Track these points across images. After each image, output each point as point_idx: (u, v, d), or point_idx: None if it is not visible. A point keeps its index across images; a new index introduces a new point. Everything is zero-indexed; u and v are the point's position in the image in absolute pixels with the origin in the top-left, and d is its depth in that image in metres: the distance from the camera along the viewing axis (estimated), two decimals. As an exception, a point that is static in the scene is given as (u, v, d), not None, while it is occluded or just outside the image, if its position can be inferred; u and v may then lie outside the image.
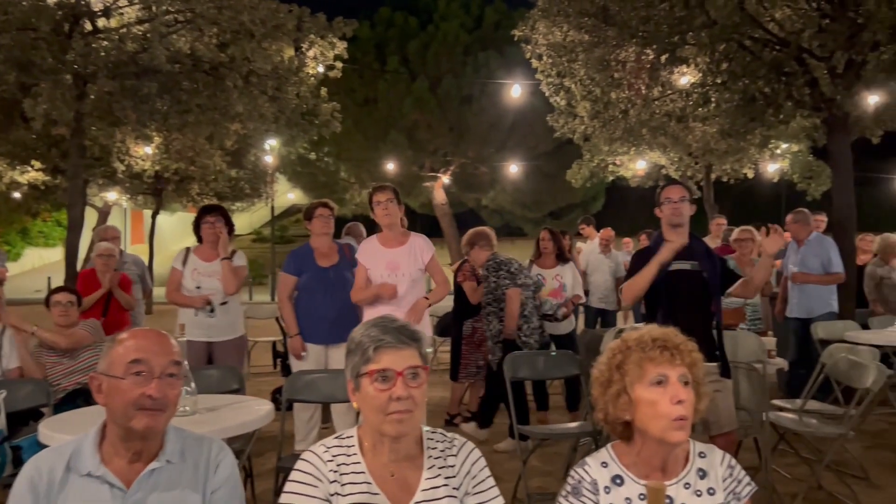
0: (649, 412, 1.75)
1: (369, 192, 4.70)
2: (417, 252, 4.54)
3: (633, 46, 7.43)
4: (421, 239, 4.63)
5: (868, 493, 4.67)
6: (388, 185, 4.69)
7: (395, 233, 4.55)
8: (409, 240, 4.57)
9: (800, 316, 6.58)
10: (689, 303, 3.88)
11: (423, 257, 4.54)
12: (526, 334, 5.74)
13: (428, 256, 4.57)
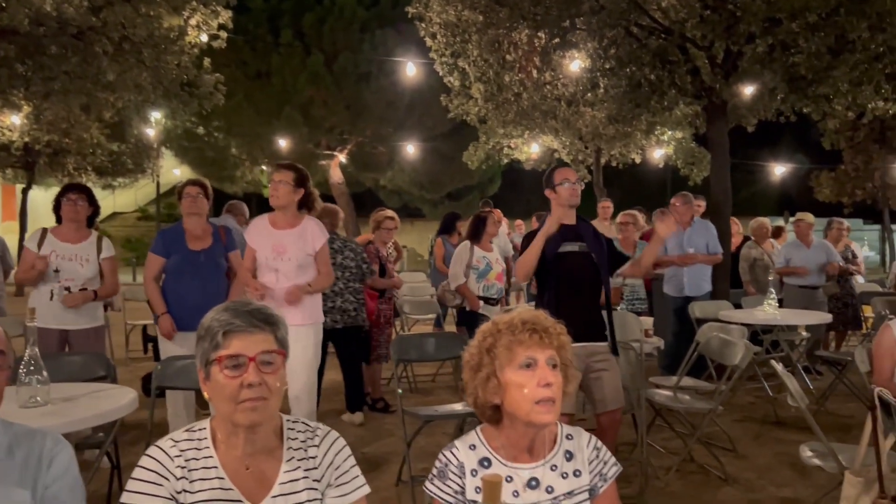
0: (517, 395, 1.74)
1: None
2: (309, 237, 4.36)
3: (525, 29, 7.47)
4: (314, 224, 4.45)
5: (735, 463, 4.93)
6: (289, 164, 4.48)
7: (288, 215, 4.35)
8: (301, 223, 4.38)
9: (681, 295, 6.85)
10: (579, 284, 3.97)
11: (314, 243, 4.37)
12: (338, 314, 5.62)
13: (319, 243, 4.40)
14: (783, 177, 24.21)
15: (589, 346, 3.94)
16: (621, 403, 4.05)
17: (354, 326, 5.69)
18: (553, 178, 4.00)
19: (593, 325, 4.01)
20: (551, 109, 9.10)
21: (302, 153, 19.53)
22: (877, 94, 7.75)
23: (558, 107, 9.16)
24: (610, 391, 3.96)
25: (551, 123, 10.08)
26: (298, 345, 4.29)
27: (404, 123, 19.63)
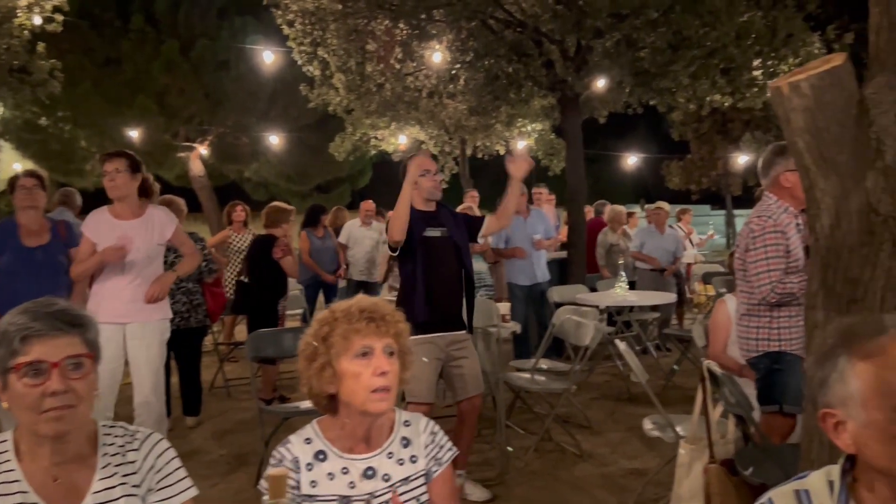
0: (353, 384, 1.73)
1: None
2: (156, 226, 4.12)
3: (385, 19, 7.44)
4: (160, 211, 4.21)
5: (591, 439, 5.16)
6: (120, 151, 4.18)
7: (130, 205, 4.08)
8: (146, 212, 4.13)
9: (527, 283, 7.06)
10: (443, 270, 3.98)
11: (163, 232, 4.13)
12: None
13: (170, 230, 4.17)
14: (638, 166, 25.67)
15: (449, 336, 3.98)
16: (481, 389, 4.13)
17: (188, 328, 5.44)
18: (401, 171, 4.02)
19: (454, 313, 4.05)
20: (414, 101, 9.12)
21: (158, 144, 18.51)
22: (713, 87, 8.35)
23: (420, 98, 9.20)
24: (470, 378, 4.03)
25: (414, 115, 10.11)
26: (143, 343, 4.07)
27: (268, 114, 19.04)
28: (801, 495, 1.35)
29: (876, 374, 1.22)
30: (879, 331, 1.25)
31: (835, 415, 1.28)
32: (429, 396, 3.94)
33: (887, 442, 1.20)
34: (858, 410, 1.24)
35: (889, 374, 1.21)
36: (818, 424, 1.30)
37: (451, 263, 4.03)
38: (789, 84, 1.74)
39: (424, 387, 3.91)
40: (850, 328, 1.29)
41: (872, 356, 1.23)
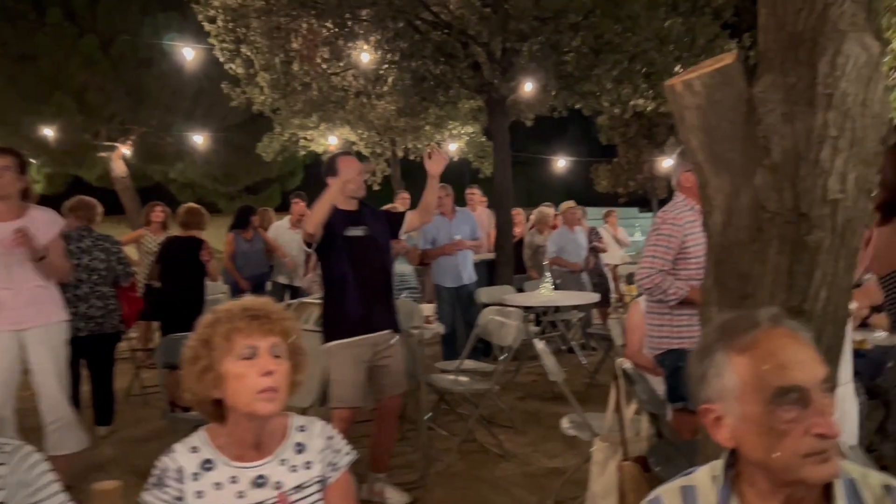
0: (237, 387, 1.65)
1: None
2: (40, 227, 3.90)
3: (311, 18, 7.31)
4: (43, 213, 3.98)
5: (514, 439, 5.18)
6: (8, 148, 3.95)
7: (10, 205, 3.85)
8: (27, 213, 3.90)
9: (453, 285, 7.05)
10: (369, 269, 3.93)
11: (43, 233, 3.90)
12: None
13: (52, 232, 3.95)
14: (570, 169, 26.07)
15: (376, 336, 3.93)
16: (402, 389, 4.10)
17: (102, 334, 5.21)
18: (337, 166, 3.94)
19: (380, 313, 4.00)
20: (341, 101, 9.00)
21: (77, 144, 17.75)
22: (636, 92, 8.53)
23: (347, 98, 9.08)
24: (393, 377, 4.00)
25: (343, 115, 9.98)
26: (48, 348, 3.86)
27: (193, 113, 18.48)
28: (686, 491, 1.35)
29: (750, 367, 1.23)
30: (753, 325, 1.26)
31: (713, 410, 1.28)
32: (354, 400, 3.87)
33: (763, 435, 1.21)
34: (735, 404, 1.24)
35: (762, 368, 1.22)
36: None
37: (374, 263, 4.00)
38: (683, 82, 1.76)
39: (349, 391, 3.85)
40: (726, 323, 1.30)
41: (747, 350, 1.24)
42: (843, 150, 1.60)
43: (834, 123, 1.59)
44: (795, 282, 1.65)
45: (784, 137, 1.63)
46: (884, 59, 7.83)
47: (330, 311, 3.94)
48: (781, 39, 1.64)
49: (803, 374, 1.20)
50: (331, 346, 3.86)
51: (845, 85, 1.58)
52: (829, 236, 1.63)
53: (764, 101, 1.65)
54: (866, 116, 1.61)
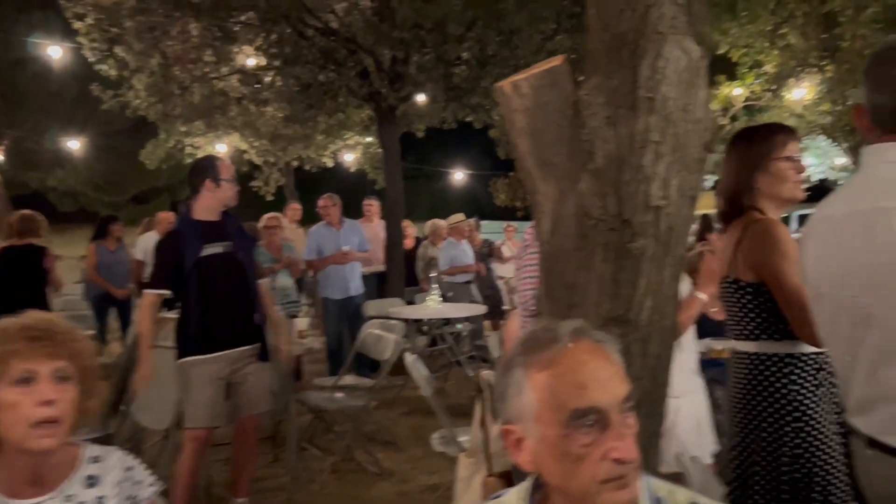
0: (10, 417, 1.44)
1: None
2: None
3: (190, 19, 6.97)
4: None
5: (394, 457, 5.03)
6: None
7: None
8: None
9: (340, 297, 6.86)
10: (224, 288, 3.69)
11: None
12: None
13: None
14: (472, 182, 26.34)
15: (232, 353, 3.71)
16: (262, 408, 3.88)
17: None
18: (219, 171, 3.73)
19: (241, 330, 3.78)
20: (222, 106, 8.64)
21: (-60, 148, 16.43)
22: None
23: (229, 103, 8.73)
24: (252, 395, 3.78)
25: (228, 121, 9.59)
26: None
27: (74, 117, 17.45)
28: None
29: (548, 386, 1.14)
30: (553, 340, 1.17)
31: (514, 431, 1.19)
32: (209, 420, 3.63)
33: (560, 459, 1.12)
34: (533, 426, 1.15)
35: (559, 387, 1.13)
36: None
37: (233, 279, 3.77)
38: (511, 84, 1.68)
39: (202, 410, 3.60)
40: (529, 337, 1.21)
41: (546, 367, 1.15)
42: (665, 155, 1.56)
43: (656, 128, 1.55)
44: (620, 290, 1.60)
45: (607, 142, 1.57)
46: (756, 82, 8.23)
47: (185, 326, 3.68)
48: (605, 41, 1.60)
49: (602, 394, 1.12)
50: (184, 363, 3.61)
51: (666, 89, 1.54)
52: (653, 244, 1.59)
53: (588, 104, 1.59)
54: (688, 122, 1.58)
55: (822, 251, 1.63)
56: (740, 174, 2.28)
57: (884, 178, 1.51)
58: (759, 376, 2.18)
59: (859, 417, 1.58)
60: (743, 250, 2.19)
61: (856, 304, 1.51)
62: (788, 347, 2.13)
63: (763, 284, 2.12)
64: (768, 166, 2.23)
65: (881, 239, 1.42)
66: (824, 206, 1.71)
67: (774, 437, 2.12)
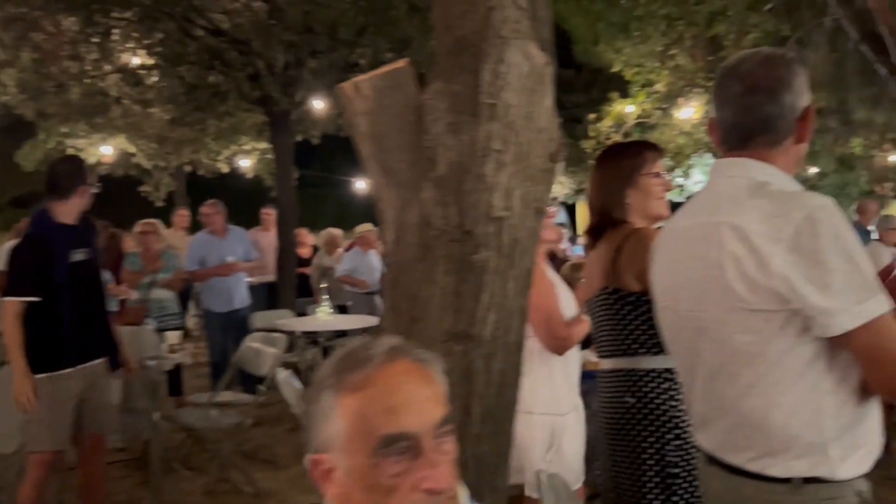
0: None
1: None
2: None
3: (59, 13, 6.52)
4: None
5: (273, 476, 4.82)
6: None
7: None
8: None
9: (223, 310, 6.55)
10: (88, 297, 3.46)
11: None
12: None
13: None
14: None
15: (87, 367, 3.45)
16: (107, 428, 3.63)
17: None
18: (87, 174, 3.51)
19: (95, 340, 3.53)
20: (103, 106, 8.16)
21: None
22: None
23: (109, 104, 8.25)
24: (100, 414, 3.52)
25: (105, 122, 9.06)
26: None
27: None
28: None
29: (357, 412, 1.03)
30: (366, 360, 1.07)
31: (322, 461, 1.08)
32: (55, 442, 3.33)
33: (369, 490, 1.02)
34: (342, 455, 1.05)
35: (369, 411, 1.03)
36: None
37: (96, 283, 3.58)
38: (352, 85, 1.59)
39: (49, 430, 3.30)
40: (341, 356, 1.11)
41: (356, 391, 1.05)
42: (507, 164, 1.51)
43: (498, 136, 1.49)
44: (463, 304, 1.53)
45: (449, 149, 1.50)
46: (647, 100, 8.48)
47: (36, 339, 3.38)
48: (448, 43, 1.53)
49: (415, 419, 1.03)
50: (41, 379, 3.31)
51: (508, 95, 1.49)
52: (496, 256, 1.53)
53: (431, 108, 1.52)
54: (531, 130, 1.53)
55: (665, 263, 1.63)
56: (611, 189, 2.28)
57: (722, 193, 1.51)
58: (637, 393, 2.15)
59: (699, 433, 1.57)
60: (626, 259, 2.16)
61: (691, 317, 1.50)
62: (666, 362, 2.11)
63: (646, 293, 2.07)
64: (637, 182, 2.24)
65: (713, 253, 1.41)
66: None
67: (657, 457, 2.08)
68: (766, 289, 1.33)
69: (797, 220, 1.31)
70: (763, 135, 1.49)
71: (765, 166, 1.48)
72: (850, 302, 1.27)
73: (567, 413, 2.55)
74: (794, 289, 1.29)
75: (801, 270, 1.28)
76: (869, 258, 4.93)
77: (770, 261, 1.31)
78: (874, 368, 1.31)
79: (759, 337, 1.36)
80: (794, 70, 1.49)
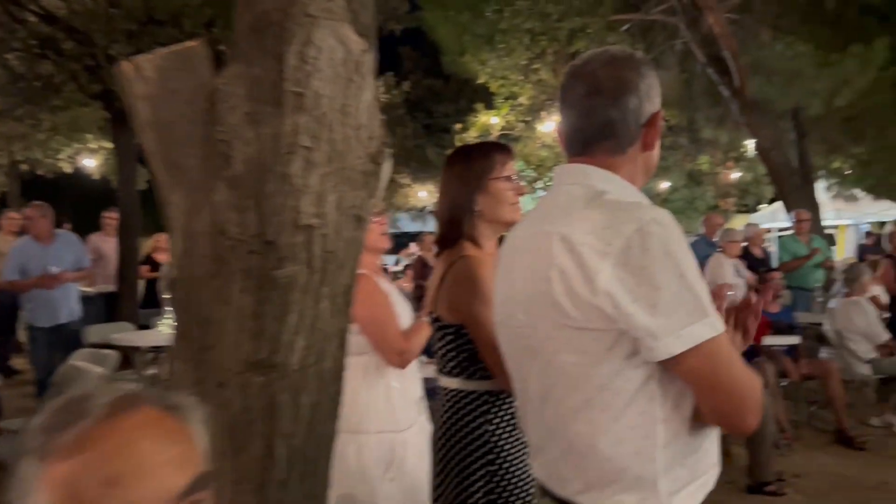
0: None
1: None
2: None
3: None
4: None
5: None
6: None
7: None
8: None
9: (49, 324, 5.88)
10: None
11: None
12: None
13: None
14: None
15: None
16: None
17: None
18: None
19: None
20: None
21: None
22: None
23: None
24: None
25: None
26: None
27: None
28: None
29: (66, 484, 0.78)
30: (84, 412, 0.81)
31: None
32: None
33: None
34: None
35: (82, 485, 0.77)
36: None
37: None
38: (133, 64, 1.32)
39: None
40: (55, 408, 0.84)
41: (67, 455, 0.79)
42: (319, 164, 1.29)
43: (306, 131, 1.28)
44: (264, 328, 1.30)
45: (248, 144, 1.27)
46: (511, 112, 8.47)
47: None
48: (248, 20, 1.30)
49: (144, 491, 0.78)
50: None
51: (319, 84, 1.27)
52: (305, 271, 1.31)
53: (227, 95, 1.28)
54: (348, 126, 1.32)
55: (501, 275, 1.48)
56: (459, 195, 2.11)
57: (557, 202, 1.38)
58: (460, 411, 2.02)
59: (533, 460, 1.44)
60: (445, 290, 2.03)
61: (522, 334, 1.36)
62: (489, 385, 1.99)
63: (463, 327, 1.97)
64: (487, 186, 2.09)
65: (542, 265, 1.27)
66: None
67: (466, 477, 1.96)
68: (591, 306, 1.19)
69: (628, 234, 1.18)
70: (605, 140, 1.37)
71: (606, 174, 1.36)
72: (678, 324, 1.15)
73: (407, 429, 2.39)
74: (620, 307, 1.16)
75: (628, 287, 1.16)
76: (713, 270, 5.07)
77: (596, 276, 1.18)
78: (705, 396, 1.21)
79: (586, 358, 1.23)
80: (642, 72, 1.37)
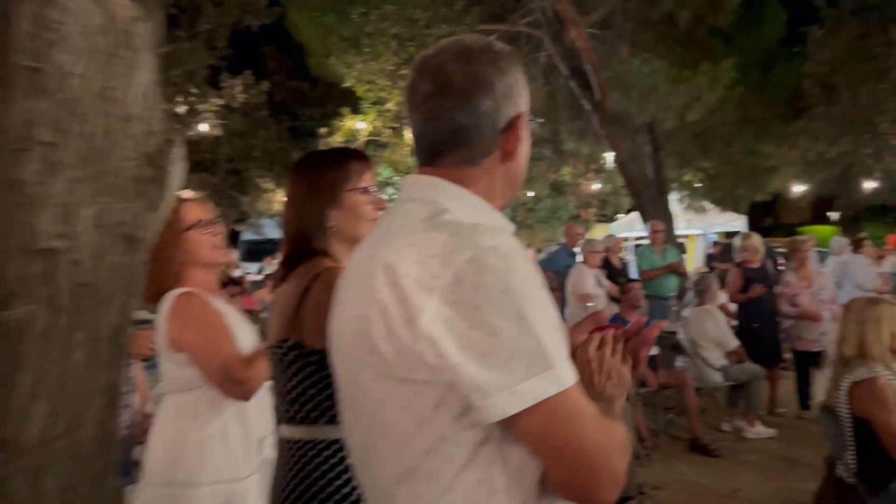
0: None
1: None
2: None
3: None
4: None
5: None
6: None
7: None
8: None
9: None
10: None
11: None
12: None
13: None
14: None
15: None
16: None
17: None
18: None
19: None
20: None
21: None
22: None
23: None
24: None
25: None
26: None
27: None
28: None
29: None
30: None
31: None
32: None
33: None
34: None
35: None
36: None
37: None
38: None
39: None
40: None
41: None
42: (66, 167, 0.95)
43: (46, 121, 0.93)
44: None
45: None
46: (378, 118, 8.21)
47: None
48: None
49: None
50: None
51: (65, 58, 0.94)
52: (47, 312, 0.96)
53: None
54: (112, 117, 0.99)
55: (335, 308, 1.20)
56: (309, 209, 1.77)
57: (394, 222, 1.11)
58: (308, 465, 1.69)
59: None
60: (311, 306, 1.66)
61: (345, 380, 1.11)
62: (338, 432, 1.66)
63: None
64: (342, 199, 1.77)
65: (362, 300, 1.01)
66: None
67: None
68: (412, 352, 0.94)
69: (459, 264, 0.93)
70: (455, 149, 1.11)
71: (455, 189, 1.10)
72: (514, 378, 0.92)
73: (248, 476, 2.04)
74: (444, 356, 0.92)
75: (456, 331, 0.92)
76: (576, 281, 4.95)
77: (419, 315, 0.93)
78: (552, 463, 0.97)
79: (410, 415, 0.98)
80: (500, 67, 1.11)
